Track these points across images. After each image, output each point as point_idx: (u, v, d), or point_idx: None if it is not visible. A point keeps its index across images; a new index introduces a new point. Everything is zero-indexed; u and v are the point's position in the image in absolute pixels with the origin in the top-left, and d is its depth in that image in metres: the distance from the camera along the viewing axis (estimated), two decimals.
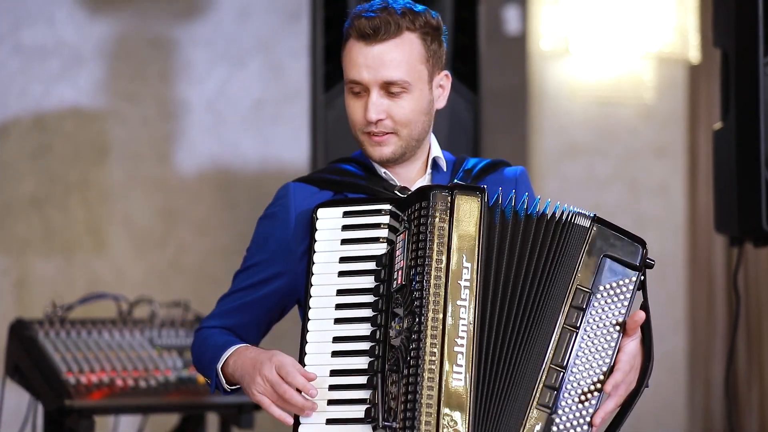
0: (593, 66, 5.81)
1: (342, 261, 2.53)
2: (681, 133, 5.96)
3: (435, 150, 2.71)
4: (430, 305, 2.39)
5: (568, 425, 2.39)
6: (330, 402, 2.45)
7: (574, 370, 2.41)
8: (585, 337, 2.42)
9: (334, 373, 2.46)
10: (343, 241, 2.54)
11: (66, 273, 5.28)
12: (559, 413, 2.39)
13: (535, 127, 5.81)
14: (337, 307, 2.51)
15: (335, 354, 2.48)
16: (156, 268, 5.40)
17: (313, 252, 2.54)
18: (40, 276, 5.25)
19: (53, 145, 5.31)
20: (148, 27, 5.41)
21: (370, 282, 2.50)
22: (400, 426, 2.36)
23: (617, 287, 2.45)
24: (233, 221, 5.52)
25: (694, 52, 5.74)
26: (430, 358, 2.37)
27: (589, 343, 2.42)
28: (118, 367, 3.85)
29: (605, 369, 2.41)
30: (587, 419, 2.40)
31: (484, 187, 2.48)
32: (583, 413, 2.40)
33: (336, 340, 2.49)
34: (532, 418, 2.39)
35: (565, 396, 2.40)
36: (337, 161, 2.78)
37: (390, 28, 2.57)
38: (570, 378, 2.40)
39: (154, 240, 5.42)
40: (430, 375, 2.36)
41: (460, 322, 2.38)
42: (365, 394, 2.44)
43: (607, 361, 2.42)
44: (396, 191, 2.63)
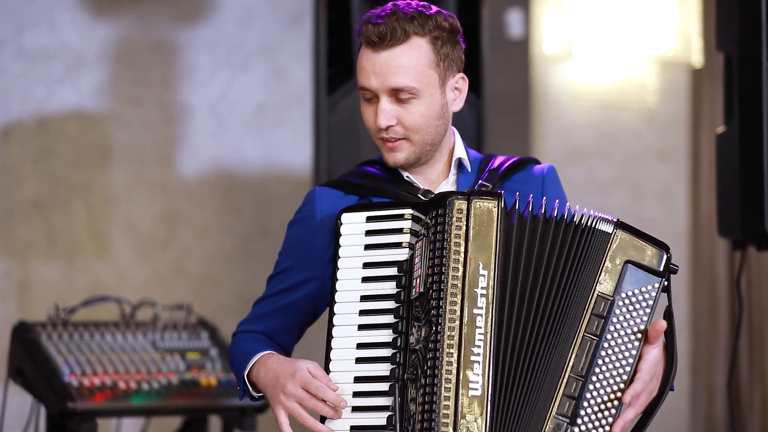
0: (596, 70, 5.81)
1: (365, 266, 2.52)
2: (683, 137, 5.96)
3: (459, 150, 2.69)
4: (446, 314, 2.38)
5: None
6: (354, 409, 2.45)
7: (594, 379, 2.38)
8: (606, 346, 2.39)
9: (358, 379, 2.47)
10: (367, 247, 2.53)
11: (68, 276, 5.29)
12: (578, 423, 2.37)
13: (538, 130, 5.81)
14: (360, 313, 2.50)
15: (359, 360, 2.48)
16: (158, 272, 5.40)
17: (338, 257, 2.54)
18: (43, 279, 5.25)
19: (56, 148, 5.31)
20: (151, 31, 5.41)
21: (393, 288, 2.49)
22: None
23: (640, 294, 2.42)
24: (236, 225, 5.52)
25: (696, 56, 5.74)
26: (446, 367, 2.36)
27: (610, 351, 2.39)
28: (120, 370, 3.85)
29: (626, 378, 2.39)
30: (606, 429, 2.38)
31: (501, 192, 2.46)
32: (603, 423, 2.38)
33: (360, 346, 2.48)
34: (550, 427, 2.37)
35: (584, 405, 2.38)
36: (363, 164, 2.76)
37: (396, 34, 2.55)
38: (590, 387, 2.38)
39: (157, 243, 5.42)
40: (447, 384, 2.36)
41: (477, 330, 2.37)
42: (388, 401, 2.43)
43: (627, 370, 2.39)
44: (419, 195, 2.62)
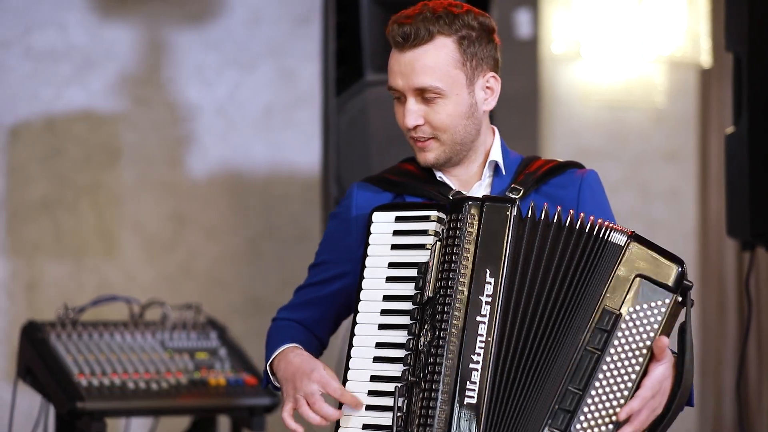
0: (605, 70, 5.80)
1: (390, 266, 2.53)
2: (692, 137, 5.96)
3: (495, 153, 2.67)
4: (451, 320, 2.40)
5: None
6: (368, 407, 2.47)
7: (593, 393, 2.35)
8: (608, 360, 2.36)
9: (374, 378, 2.48)
10: (393, 246, 2.54)
11: (76, 276, 5.29)
12: None
13: (546, 131, 5.80)
14: (382, 312, 2.52)
15: (376, 360, 2.49)
16: (166, 272, 5.41)
17: (366, 255, 2.56)
18: (51, 279, 5.26)
19: (64, 148, 5.32)
20: (158, 31, 5.42)
21: (413, 289, 2.50)
22: None
23: (648, 309, 2.39)
24: (243, 226, 5.52)
25: (705, 57, 5.73)
26: (446, 372, 2.38)
27: (612, 366, 2.36)
28: (129, 370, 3.85)
29: (627, 394, 2.36)
30: None
31: (515, 198, 2.48)
32: None
33: (378, 345, 2.50)
34: None
35: (580, 419, 2.35)
36: (404, 161, 2.76)
37: (420, 34, 2.55)
38: (588, 401, 2.35)
39: (165, 244, 5.43)
40: (445, 390, 2.37)
41: (478, 338, 2.39)
42: (399, 402, 2.44)
43: (630, 386, 2.36)
44: (450, 196, 2.61)
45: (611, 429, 2.35)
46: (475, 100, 2.61)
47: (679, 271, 2.39)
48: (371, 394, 2.47)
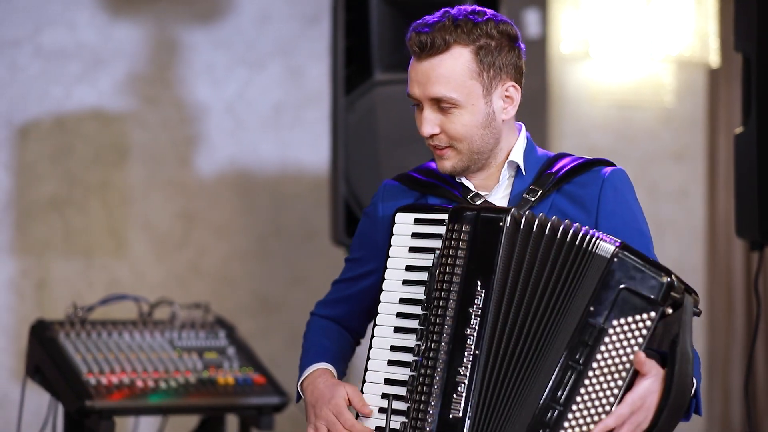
0: (613, 70, 5.80)
1: (407, 269, 2.54)
2: (700, 137, 5.95)
3: (515, 154, 2.65)
4: (443, 329, 2.41)
5: None
6: (381, 410, 2.49)
7: (574, 408, 2.32)
8: (590, 375, 2.33)
9: (388, 381, 2.50)
10: (411, 249, 2.55)
11: (86, 275, 5.30)
12: None
13: (555, 130, 5.80)
14: (397, 315, 2.52)
15: (390, 363, 2.50)
16: (175, 271, 5.41)
17: (388, 256, 2.56)
18: (61, 277, 5.27)
19: (73, 147, 5.33)
20: (168, 30, 5.42)
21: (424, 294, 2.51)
22: None
23: (633, 323, 2.34)
24: (252, 225, 5.53)
25: (713, 56, 5.73)
26: (437, 382, 2.40)
27: (594, 380, 2.33)
28: (138, 369, 3.85)
29: (609, 409, 2.32)
30: None
31: (511, 208, 2.46)
32: None
33: (393, 349, 2.51)
34: None
35: None
36: (432, 160, 2.74)
37: (436, 44, 2.53)
38: (568, 416, 2.32)
39: (174, 243, 5.43)
40: (433, 401, 2.40)
41: (466, 351, 2.39)
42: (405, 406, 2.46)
43: (612, 401, 2.32)
44: (469, 198, 2.61)
45: None
46: (492, 110, 2.58)
47: (665, 284, 2.35)
48: (384, 396, 2.49)
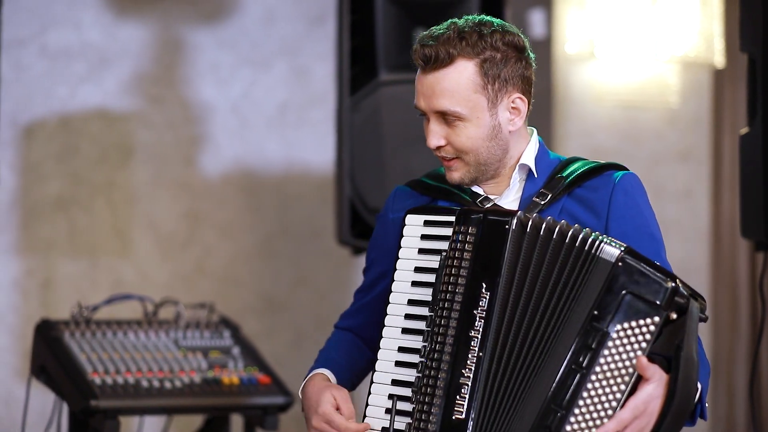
0: (618, 70, 5.80)
1: (416, 271, 2.54)
2: (705, 137, 5.95)
3: (526, 157, 2.64)
4: (447, 330, 2.42)
5: None
6: (387, 411, 2.49)
7: (576, 412, 2.32)
8: (593, 379, 2.33)
9: (395, 382, 2.50)
10: (420, 251, 2.55)
11: (90, 275, 5.30)
12: None
13: (560, 131, 5.80)
14: (406, 317, 2.53)
15: (397, 364, 2.51)
16: (180, 271, 5.42)
17: (397, 258, 2.57)
18: (66, 277, 5.27)
19: (79, 147, 5.33)
20: (173, 30, 5.43)
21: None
22: None
23: (637, 327, 2.33)
24: (257, 224, 5.53)
25: (718, 57, 5.73)
26: (440, 384, 2.41)
27: (597, 385, 2.33)
28: (143, 368, 3.86)
29: (611, 414, 2.31)
30: None
31: (517, 211, 2.46)
32: None
33: (401, 350, 2.51)
34: None
35: None
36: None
37: (440, 57, 2.52)
38: (570, 420, 2.32)
39: (179, 243, 5.44)
40: (437, 402, 2.41)
41: (470, 353, 2.40)
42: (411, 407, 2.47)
43: (614, 406, 2.32)
44: (478, 202, 2.62)
45: None
46: (498, 122, 2.57)
47: (669, 289, 2.34)
48: (391, 398, 2.49)
